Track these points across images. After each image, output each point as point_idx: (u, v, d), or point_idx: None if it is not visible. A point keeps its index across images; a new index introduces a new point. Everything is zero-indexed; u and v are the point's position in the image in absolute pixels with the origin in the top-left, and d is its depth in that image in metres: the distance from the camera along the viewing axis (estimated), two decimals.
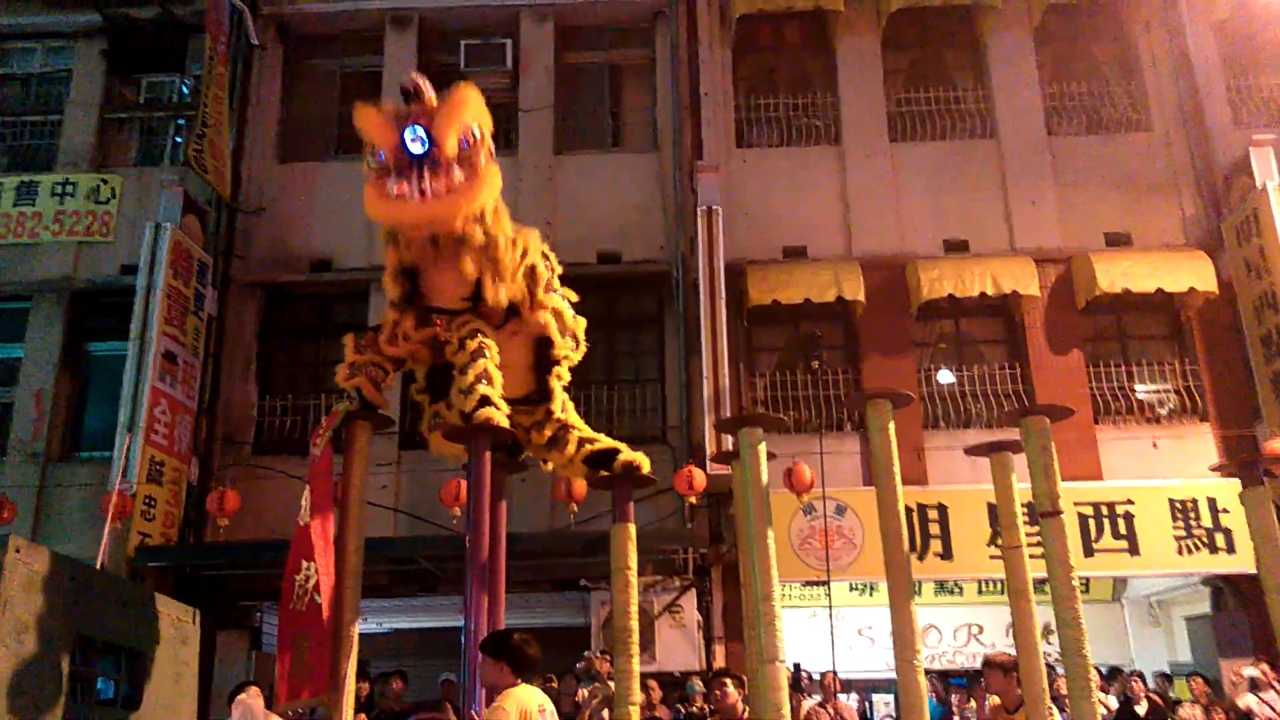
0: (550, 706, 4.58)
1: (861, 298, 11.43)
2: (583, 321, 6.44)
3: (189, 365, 11.35)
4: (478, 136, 5.55)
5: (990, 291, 11.39)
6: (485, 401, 5.59)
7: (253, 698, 5.66)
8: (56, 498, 11.34)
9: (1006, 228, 12.12)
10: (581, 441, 6.15)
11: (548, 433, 6.18)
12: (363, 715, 7.21)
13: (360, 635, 6.11)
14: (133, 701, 6.15)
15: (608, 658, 8.05)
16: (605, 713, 8.01)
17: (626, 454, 6.13)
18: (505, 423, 5.68)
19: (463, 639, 5.49)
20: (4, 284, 12.18)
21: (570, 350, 6.34)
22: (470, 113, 5.53)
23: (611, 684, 7.19)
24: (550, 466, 6.51)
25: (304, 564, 5.72)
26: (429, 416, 6.15)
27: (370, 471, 7.12)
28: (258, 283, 12.44)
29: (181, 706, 6.53)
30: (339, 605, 5.71)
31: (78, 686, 5.66)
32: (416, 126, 5.34)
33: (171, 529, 10.73)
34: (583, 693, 8.85)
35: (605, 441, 6.21)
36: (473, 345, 5.76)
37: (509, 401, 5.89)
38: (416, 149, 5.32)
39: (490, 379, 5.66)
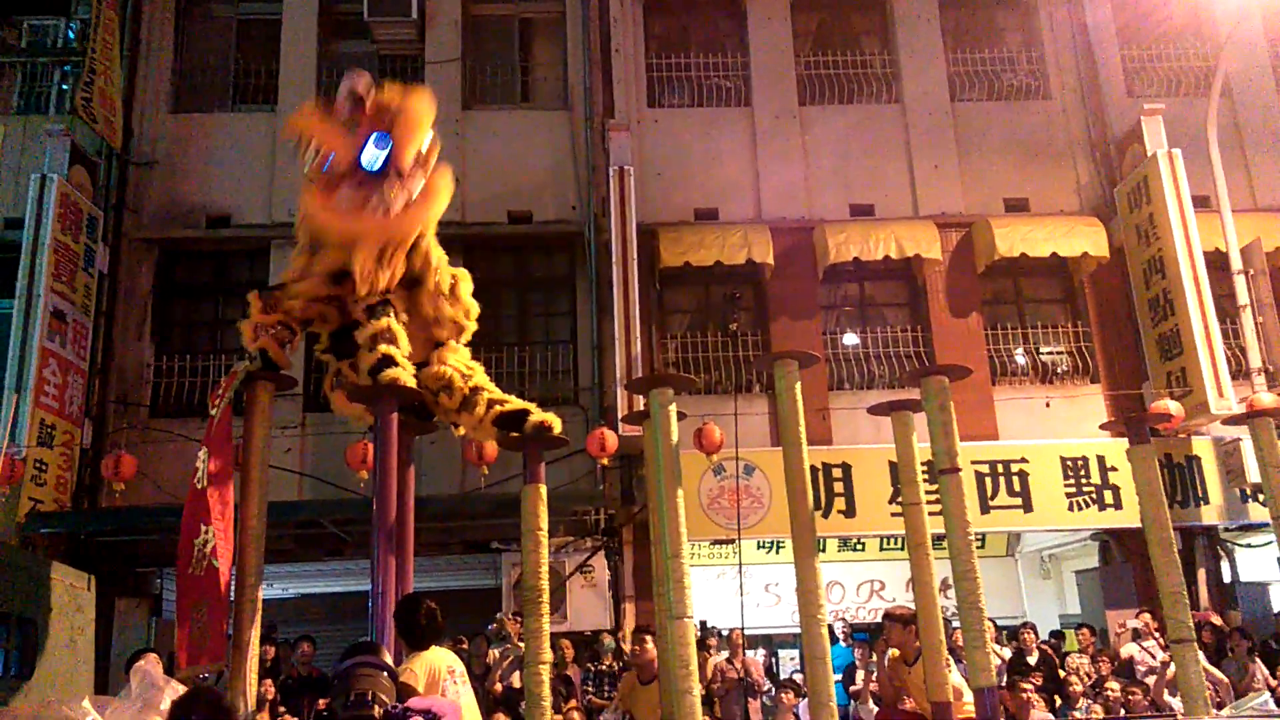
0: (461, 668, 4.57)
1: (770, 260, 11.55)
2: (473, 304, 6.37)
3: (79, 324, 10.88)
4: (428, 144, 5.54)
5: (894, 255, 11.61)
6: (388, 361, 5.51)
7: (151, 664, 5.50)
8: None
9: (910, 192, 12.35)
10: (491, 403, 6.09)
11: (457, 396, 6.11)
12: (269, 680, 7.09)
13: (266, 600, 6.01)
14: (25, 671, 5.95)
15: (519, 619, 8.08)
16: (516, 674, 8.07)
17: (537, 415, 6.09)
18: (411, 382, 5.61)
19: (371, 603, 5.44)
20: None
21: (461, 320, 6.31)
22: (427, 124, 5.53)
23: (522, 645, 7.23)
24: (461, 430, 6.44)
25: (202, 528, 5.58)
26: (332, 376, 6.03)
27: (274, 434, 6.97)
28: (152, 239, 11.95)
29: (77, 675, 6.35)
30: (242, 570, 5.60)
31: None
32: (377, 136, 5.33)
33: (64, 494, 10.33)
34: (494, 654, 8.88)
35: (515, 403, 6.16)
36: (373, 301, 5.68)
37: (417, 365, 5.82)
38: (375, 163, 5.33)
39: (393, 338, 5.58)
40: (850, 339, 12.11)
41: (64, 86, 12.74)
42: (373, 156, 5.38)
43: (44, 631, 6.10)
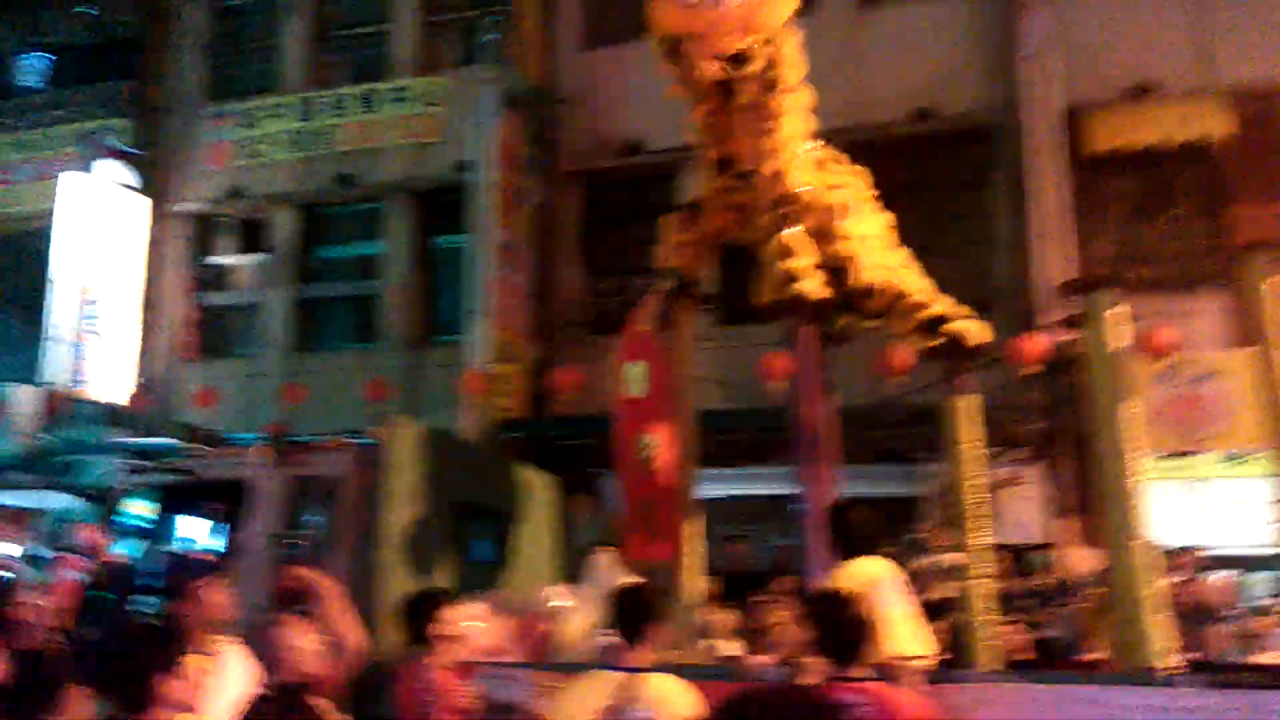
0: (897, 576, 4.50)
1: (1227, 135, 9.99)
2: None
3: (523, 253, 12.11)
4: None
5: None
6: (795, 275, 5.50)
7: (607, 557, 6.07)
8: (417, 380, 12.60)
9: None
10: (913, 308, 5.89)
11: (878, 301, 5.98)
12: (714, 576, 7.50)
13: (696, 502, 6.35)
14: (503, 561, 6.82)
15: (942, 530, 7.89)
16: (943, 586, 7.89)
17: (958, 322, 5.82)
18: (819, 294, 5.57)
19: (795, 508, 5.57)
20: (360, 187, 13.45)
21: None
22: None
23: (947, 556, 7.05)
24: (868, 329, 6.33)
25: (640, 434, 6.01)
26: (758, 288, 6.13)
27: (694, 346, 7.30)
28: (576, 170, 12.90)
29: (545, 565, 7.16)
30: (677, 473, 5.97)
31: (457, 547, 6.35)
32: None
33: (521, 404, 11.66)
34: (917, 563, 8.74)
35: (938, 307, 5.92)
36: (775, 217, 5.66)
37: (831, 271, 5.77)
38: None
39: (794, 251, 5.54)
40: None
41: (493, 36, 13.97)
42: None
43: (518, 526, 6.94)
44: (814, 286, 5.50)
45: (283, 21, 14.50)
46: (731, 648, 5.95)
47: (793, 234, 5.61)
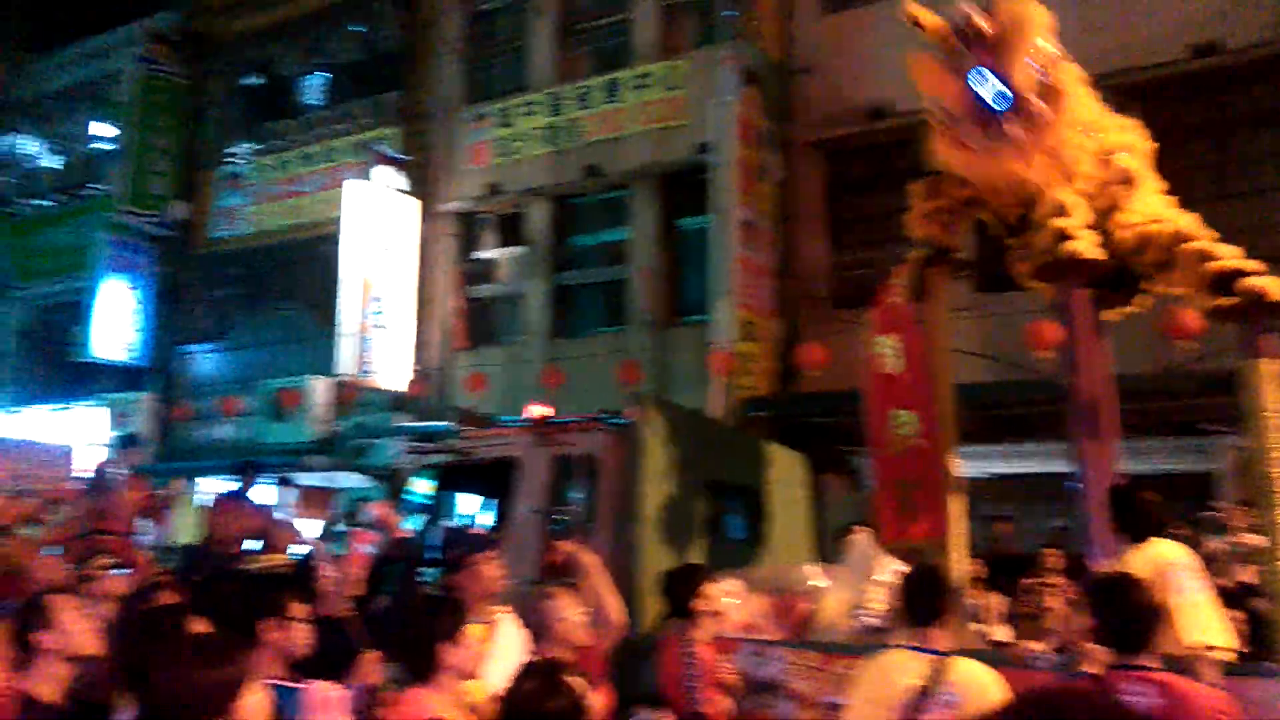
0: (1191, 562, 4.12)
1: None
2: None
3: (765, 230, 12.03)
4: (1044, 51, 5.16)
5: None
6: (1064, 236, 5.18)
7: (864, 537, 5.94)
8: (666, 360, 12.84)
9: None
10: (1199, 261, 5.32)
11: (1156, 251, 5.46)
12: (979, 559, 7.20)
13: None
14: (756, 539, 6.83)
15: (1242, 510, 7.18)
16: (1243, 570, 7.18)
17: (1253, 277, 5.22)
18: (1092, 254, 5.20)
19: (1071, 487, 5.23)
20: (608, 176, 13.82)
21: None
22: (1033, 32, 5.13)
23: (1249, 537, 6.41)
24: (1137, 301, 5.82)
25: (895, 411, 5.84)
26: (1017, 253, 5.80)
27: (950, 317, 6.99)
28: (816, 141, 12.64)
29: (797, 543, 7.11)
30: (935, 450, 5.75)
31: (711, 523, 6.42)
32: (980, 70, 5.12)
33: (767, 383, 11.63)
34: (1212, 545, 7.99)
35: (1228, 261, 5.33)
36: (1041, 177, 5.34)
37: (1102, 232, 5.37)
38: (987, 95, 5.14)
39: (1065, 210, 5.21)
40: None
41: (728, 13, 13.91)
42: (981, 88, 5.12)
43: (769, 504, 6.92)
44: (1087, 246, 5.14)
45: (530, 21, 15.10)
46: (1001, 633, 5.68)
47: (1065, 191, 5.26)
